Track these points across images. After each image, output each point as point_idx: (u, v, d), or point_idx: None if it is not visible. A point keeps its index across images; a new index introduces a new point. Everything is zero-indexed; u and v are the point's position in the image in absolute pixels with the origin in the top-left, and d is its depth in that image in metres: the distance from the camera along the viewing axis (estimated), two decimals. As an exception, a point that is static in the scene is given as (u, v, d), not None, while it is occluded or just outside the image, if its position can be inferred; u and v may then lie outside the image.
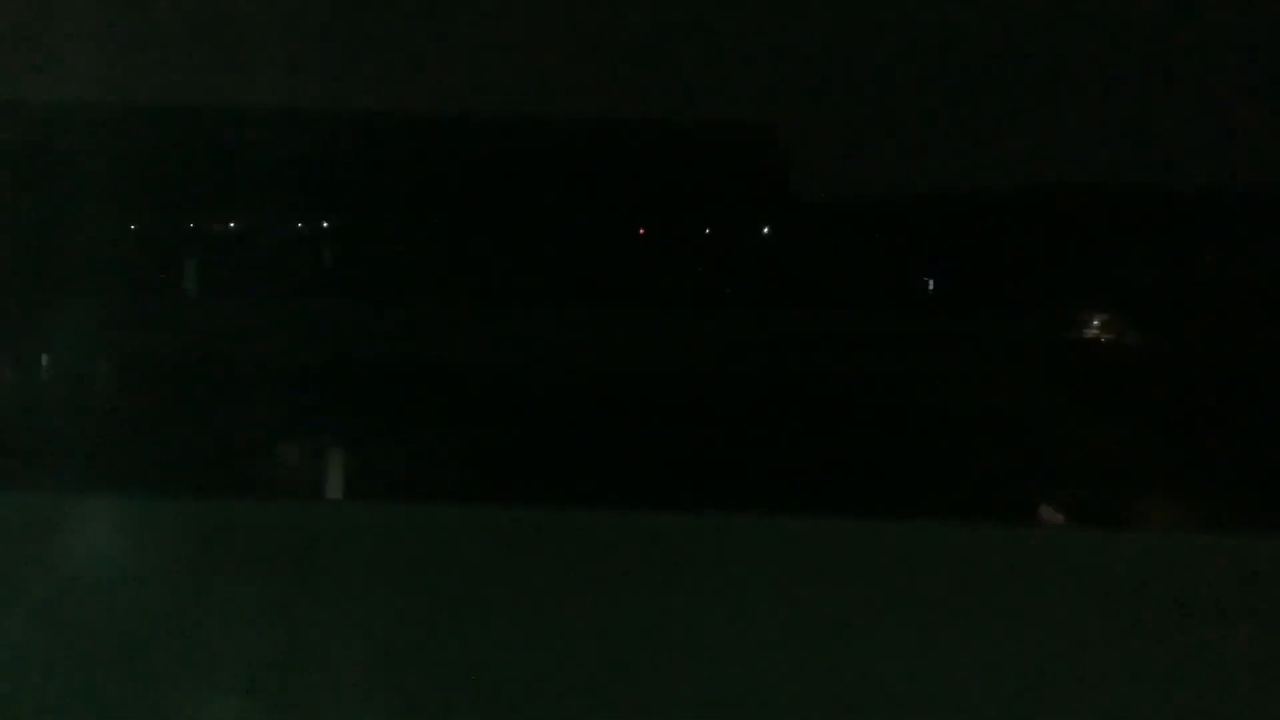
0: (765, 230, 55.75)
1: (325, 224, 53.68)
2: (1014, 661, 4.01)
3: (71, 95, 51.08)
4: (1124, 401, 45.69)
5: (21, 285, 45.61)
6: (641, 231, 53.70)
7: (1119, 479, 27.02)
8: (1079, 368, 51.60)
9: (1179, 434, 39.10)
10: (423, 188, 50.92)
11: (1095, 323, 65.85)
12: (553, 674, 3.98)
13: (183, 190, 51.03)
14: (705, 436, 26.10)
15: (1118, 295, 62.88)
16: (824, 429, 28.42)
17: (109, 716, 3.95)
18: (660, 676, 4.00)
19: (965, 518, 4.94)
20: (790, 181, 56.02)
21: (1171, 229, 68.41)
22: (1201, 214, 69.61)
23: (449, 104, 61.68)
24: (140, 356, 36.80)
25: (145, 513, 4.48)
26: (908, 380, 34.56)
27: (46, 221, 49.94)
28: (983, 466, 25.24)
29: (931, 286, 73.39)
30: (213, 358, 35.41)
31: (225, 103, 53.06)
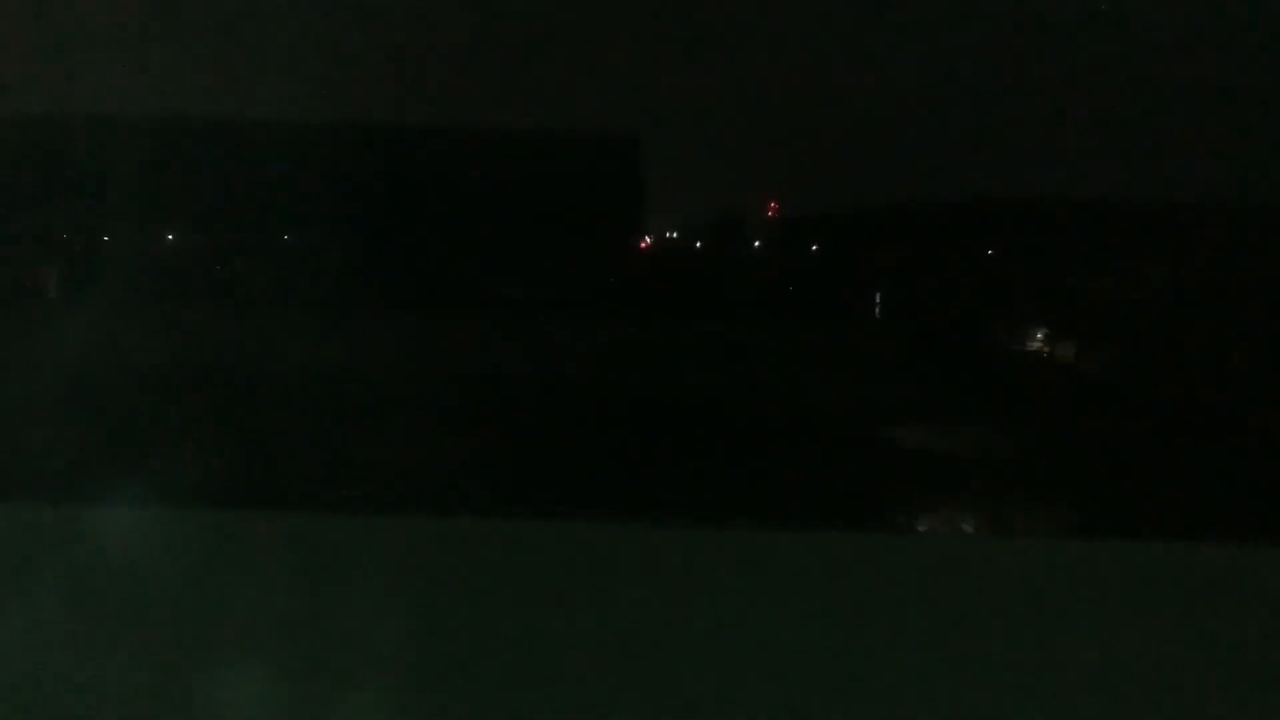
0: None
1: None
2: (999, 667, 3.98)
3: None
4: (995, 411, 45.45)
5: None
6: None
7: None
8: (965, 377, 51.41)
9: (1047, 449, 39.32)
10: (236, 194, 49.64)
11: (1039, 336, 64.60)
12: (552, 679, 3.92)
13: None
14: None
15: (1058, 309, 61.85)
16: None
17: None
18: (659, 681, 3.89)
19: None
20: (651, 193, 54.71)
21: (1116, 243, 67.20)
22: (1146, 228, 68.32)
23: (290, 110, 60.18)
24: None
25: (157, 522, 4.69)
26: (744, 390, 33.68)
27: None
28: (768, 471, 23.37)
29: (879, 299, 72.68)
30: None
31: (79, 110, 52.39)
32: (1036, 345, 64.40)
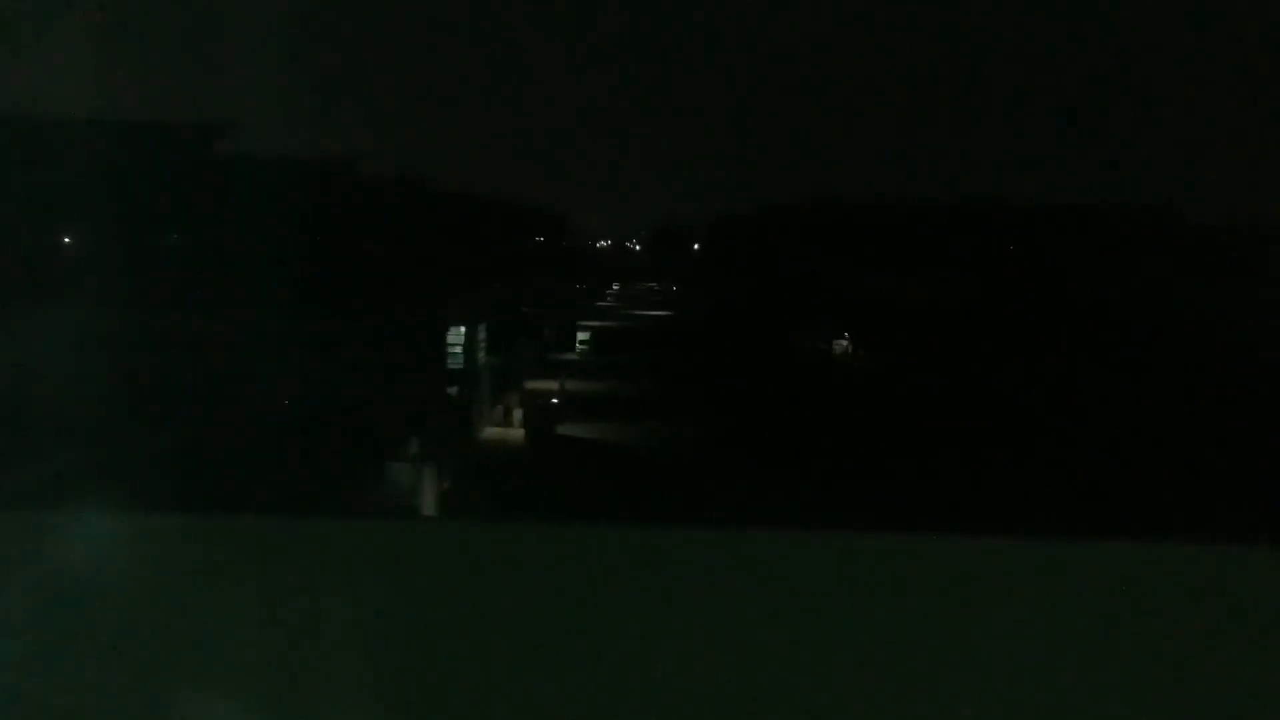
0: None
1: None
2: (1003, 673, 3.97)
3: None
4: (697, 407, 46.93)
5: None
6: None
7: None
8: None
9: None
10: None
11: (846, 336, 66.17)
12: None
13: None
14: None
15: (845, 311, 63.34)
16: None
17: None
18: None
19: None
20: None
21: (907, 245, 68.80)
22: (936, 230, 70.03)
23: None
24: None
25: (142, 528, 4.54)
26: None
27: None
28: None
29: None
30: None
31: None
32: (842, 347, 66.11)
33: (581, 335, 77.81)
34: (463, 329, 41.91)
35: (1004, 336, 60.65)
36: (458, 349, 41.98)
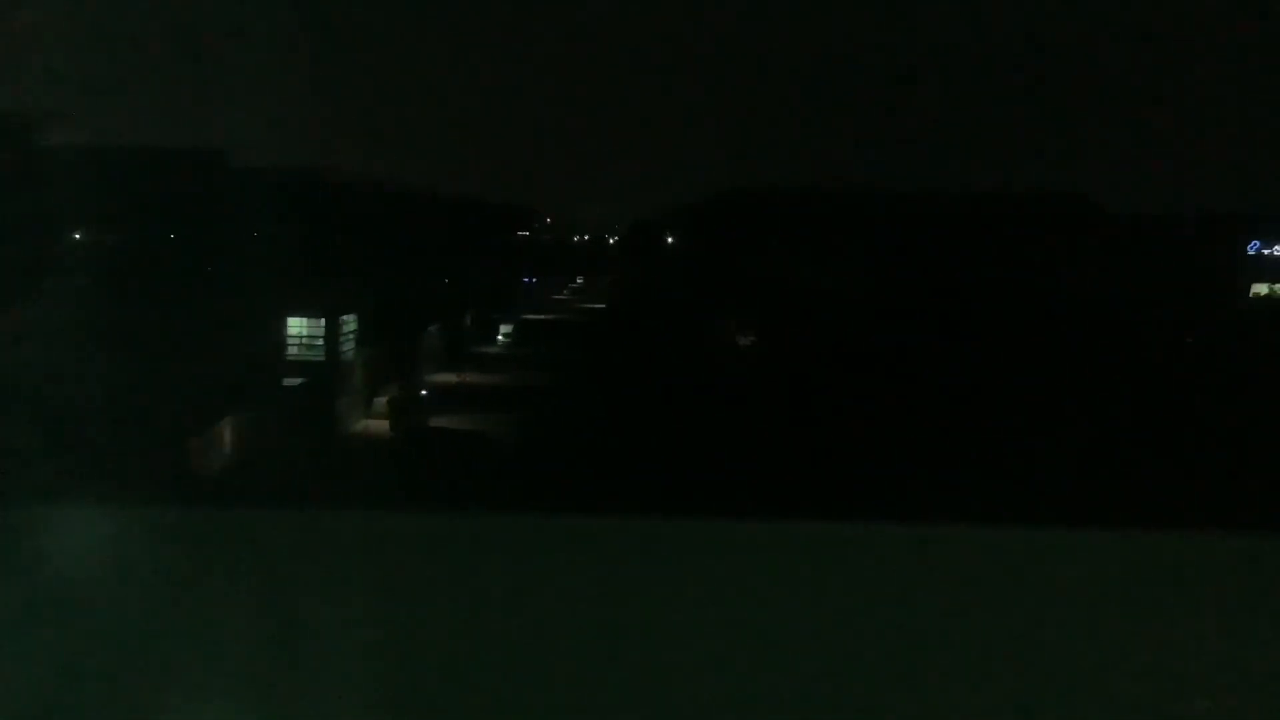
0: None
1: None
2: (1004, 661, 4.09)
3: None
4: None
5: None
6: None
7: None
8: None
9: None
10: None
11: (750, 327, 66.29)
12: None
13: None
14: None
15: (750, 301, 63.44)
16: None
17: None
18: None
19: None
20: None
21: (812, 236, 68.86)
22: (838, 221, 70.11)
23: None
24: None
25: (134, 522, 4.55)
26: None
27: None
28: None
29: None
30: None
31: None
32: (747, 339, 66.27)
33: (505, 328, 78.07)
34: (322, 321, 41.93)
35: (911, 325, 60.88)
36: (318, 341, 42.01)
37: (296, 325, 41.78)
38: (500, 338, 75.74)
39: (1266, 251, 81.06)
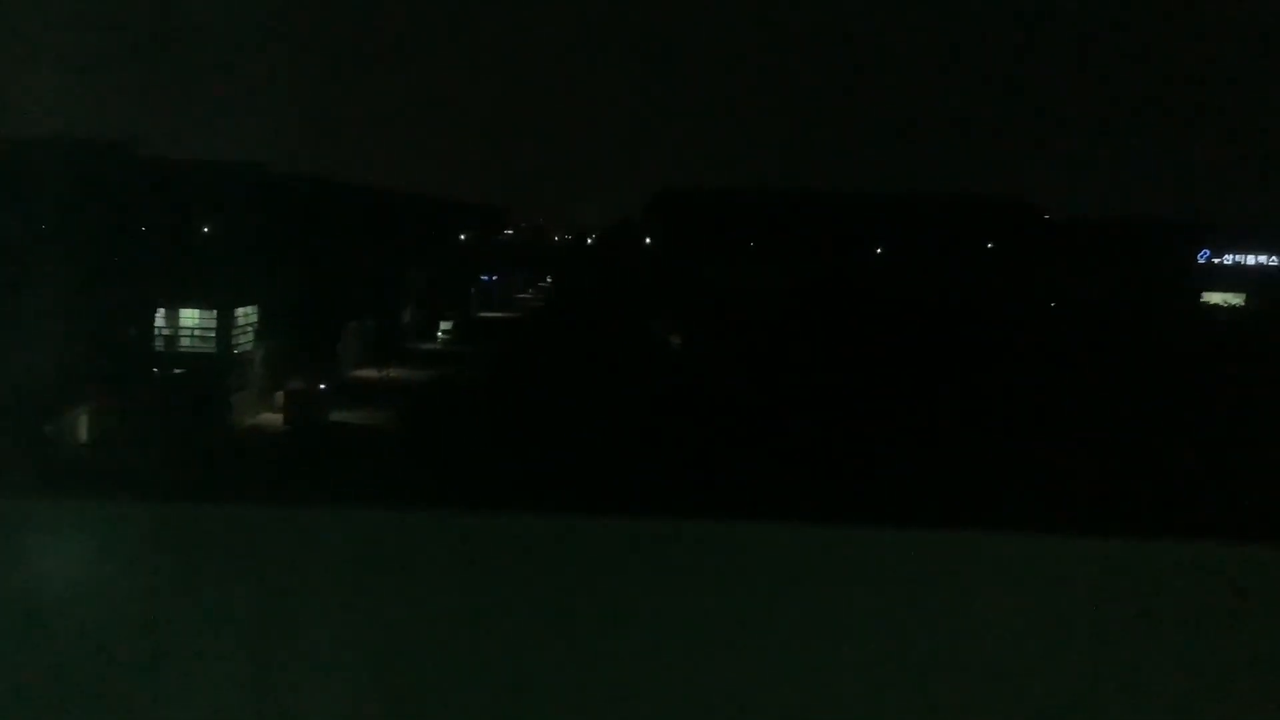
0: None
1: None
2: (1004, 669, 3.87)
3: None
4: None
5: None
6: None
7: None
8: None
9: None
10: None
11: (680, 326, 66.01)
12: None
13: None
14: None
15: (683, 300, 63.25)
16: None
17: None
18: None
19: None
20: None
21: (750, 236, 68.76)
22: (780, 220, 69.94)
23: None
24: None
25: (118, 518, 4.25)
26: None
27: None
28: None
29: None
30: None
31: None
32: (678, 339, 66.01)
33: (444, 324, 77.78)
34: (215, 312, 41.37)
35: (843, 329, 60.54)
36: (210, 332, 41.47)
37: (189, 316, 41.37)
38: (440, 334, 75.45)
39: (1217, 260, 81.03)
